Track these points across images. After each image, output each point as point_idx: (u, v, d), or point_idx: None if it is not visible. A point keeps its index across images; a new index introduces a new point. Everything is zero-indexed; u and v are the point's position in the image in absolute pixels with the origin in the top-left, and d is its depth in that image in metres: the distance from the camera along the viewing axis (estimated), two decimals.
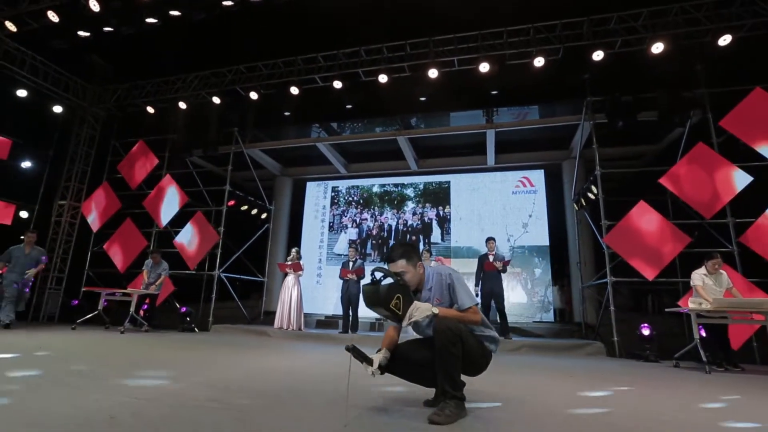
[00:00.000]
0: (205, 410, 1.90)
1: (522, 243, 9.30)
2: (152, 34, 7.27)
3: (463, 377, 2.06)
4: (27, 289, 6.66)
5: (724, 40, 6.36)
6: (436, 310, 1.97)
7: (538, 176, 9.58)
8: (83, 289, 8.47)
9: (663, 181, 6.60)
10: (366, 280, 5.66)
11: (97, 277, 9.39)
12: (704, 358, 4.52)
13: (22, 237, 6.85)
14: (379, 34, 7.90)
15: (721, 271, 5.14)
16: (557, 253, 9.25)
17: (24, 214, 9.34)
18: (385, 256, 2.20)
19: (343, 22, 7.42)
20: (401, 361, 2.13)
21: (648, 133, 8.72)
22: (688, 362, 5.14)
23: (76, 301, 9.03)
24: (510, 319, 7.81)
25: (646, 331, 5.71)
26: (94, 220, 9.47)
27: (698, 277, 5.14)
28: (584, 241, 8.39)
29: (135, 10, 6.22)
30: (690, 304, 5.07)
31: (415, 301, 1.98)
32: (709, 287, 5.05)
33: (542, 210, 9.35)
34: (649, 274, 6.23)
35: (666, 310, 5.44)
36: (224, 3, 6.01)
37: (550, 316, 8.82)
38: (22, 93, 8.65)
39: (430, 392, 2.24)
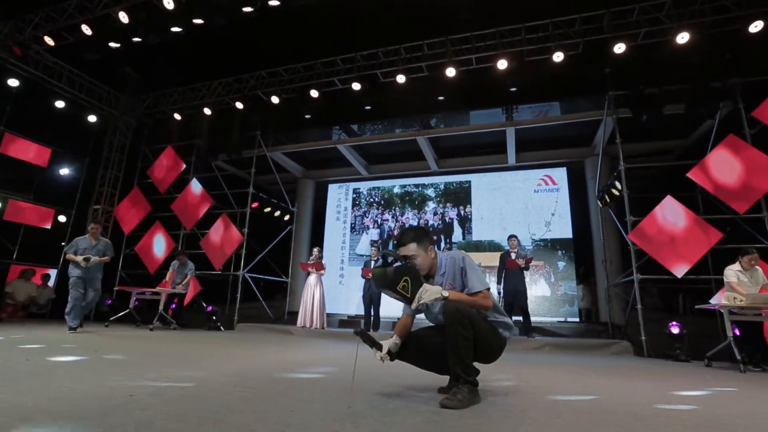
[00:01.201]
0: (219, 393, 1.97)
1: (545, 236, 9.15)
2: (178, 44, 7.57)
3: (478, 365, 2.06)
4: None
5: (755, 26, 6.09)
6: (446, 293, 1.96)
7: (560, 174, 9.40)
8: (115, 288, 8.83)
9: (691, 174, 6.36)
10: None
11: (129, 278, 9.77)
12: (738, 357, 4.33)
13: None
14: (396, 34, 7.95)
15: (756, 267, 4.92)
16: (582, 251, 9.05)
17: (62, 219, 9.85)
18: (395, 240, 2.21)
19: (361, 24, 7.52)
20: (413, 348, 2.14)
21: (675, 128, 8.43)
22: (722, 362, 4.92)
23: (110, 301, 9.42)
24: (534, 318, 7.68)
25: (675, 330, 5.51)
26: (125, 224, 9.87)
27: (732, 273, 4.93)
28: (609, 239, 8.16)
29: (160, 19, 6.49)
30: (723, 300, 4.87)
31: (425, 284, 1.99)
32: (744, 284, 4.83)
33: (565, 208, 9.16)
34: (679, 271, 6.01)
35: (696, 307, 5.23)
36: (244, 9, 6.20)
37: (574, 313, 8.62)
38: (60, 104, 9.14)
39: (446, 380, 2.24)
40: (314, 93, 8.31)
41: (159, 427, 1.33)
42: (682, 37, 6.38)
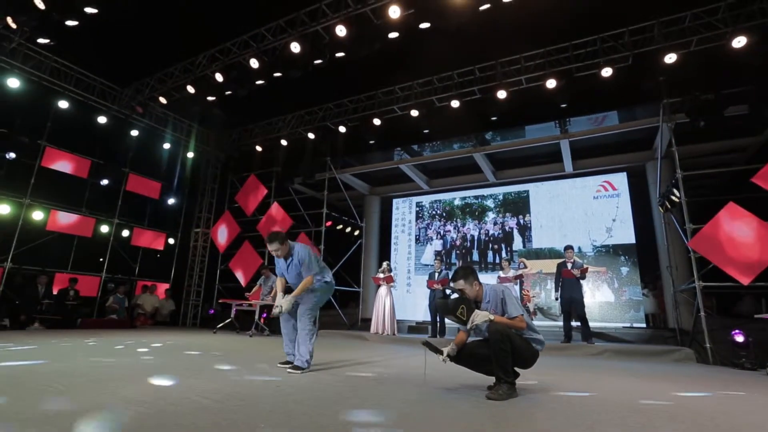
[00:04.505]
0: (329, 384, 2.82)
1: (606, 242, 9.23)
2: (257, 87, 8.86)
3: (519, 370, 2.74)
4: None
5: None
6: (491, 317, 2.67)
7: (620, 179, 9.43)
8: (219, 300, 10.37)
9: (757, 179, 6.30)
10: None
11: (224, 290, 11.35)
12: None
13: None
14: (449, 62, 8.58)
15: None
16: (646, 256, 9.00)
17: (171, 241, 11.71)
18: (451, 277, 2.95)
19: (415, 58, 8.25)
20: (468, 355, 2.87)
21: (748, 124, 8.16)
22: None
23: (212, 311, 11.03)
24: (599, 324, 7.88)
25: (739, 338, 5.56)
26: (220, 244, 11.49)
27: None
28: (674, 244, 8.12)
29: (247, 76, 7.75)
30: None
31: (476, 310, 2.71)
32: None
33: (627, 214, 9.18)
34: (744, 279, 6.00)
35: (755, 316, 5.28)
36: (315, 62, 7.22)
37: (641, 319, 8.62)
38: (166, 146, 10.96)
39: (492, 380, 2.91)
40: (377, 121, 9.20)
41: (308, 405, 2.19)
42: (739, 42, 6.35)
